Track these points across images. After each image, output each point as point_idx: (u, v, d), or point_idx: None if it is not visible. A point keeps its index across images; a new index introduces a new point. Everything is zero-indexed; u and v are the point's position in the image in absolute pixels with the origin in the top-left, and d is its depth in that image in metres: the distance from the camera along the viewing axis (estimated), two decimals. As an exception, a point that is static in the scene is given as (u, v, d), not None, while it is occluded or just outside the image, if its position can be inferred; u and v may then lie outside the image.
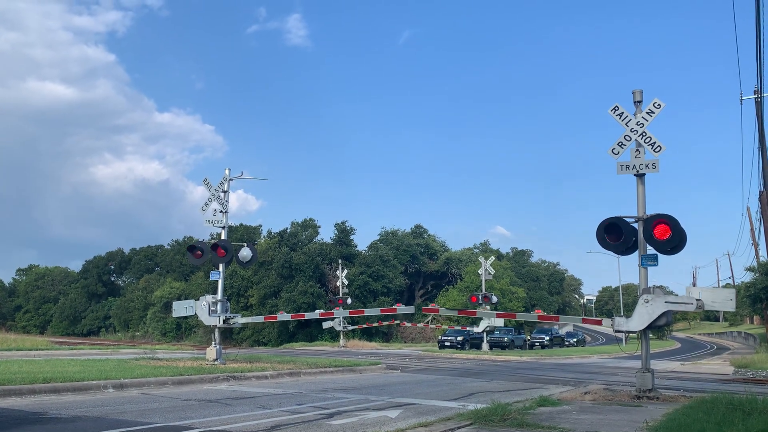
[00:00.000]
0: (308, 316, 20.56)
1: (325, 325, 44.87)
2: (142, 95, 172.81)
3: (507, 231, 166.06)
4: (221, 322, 17.85)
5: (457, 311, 13.88)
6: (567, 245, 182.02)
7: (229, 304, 18.79)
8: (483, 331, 38.56)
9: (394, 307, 18.72)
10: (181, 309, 18.59)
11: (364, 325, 49.92)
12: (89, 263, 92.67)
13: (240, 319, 18.68)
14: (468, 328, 41.78)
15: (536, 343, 51.69)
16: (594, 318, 13.10)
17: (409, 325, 65.10)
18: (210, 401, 10.19)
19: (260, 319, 20.42)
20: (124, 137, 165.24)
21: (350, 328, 45.13)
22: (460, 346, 41.51)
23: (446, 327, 49.09)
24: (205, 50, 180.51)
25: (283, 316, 19.70)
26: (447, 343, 41.96)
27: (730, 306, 11.50)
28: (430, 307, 14.01)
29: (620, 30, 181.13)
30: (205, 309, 17.93)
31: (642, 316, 11.56)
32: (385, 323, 60.50)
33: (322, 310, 20.37)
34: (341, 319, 43.22)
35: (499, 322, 38.80)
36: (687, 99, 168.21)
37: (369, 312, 20.85)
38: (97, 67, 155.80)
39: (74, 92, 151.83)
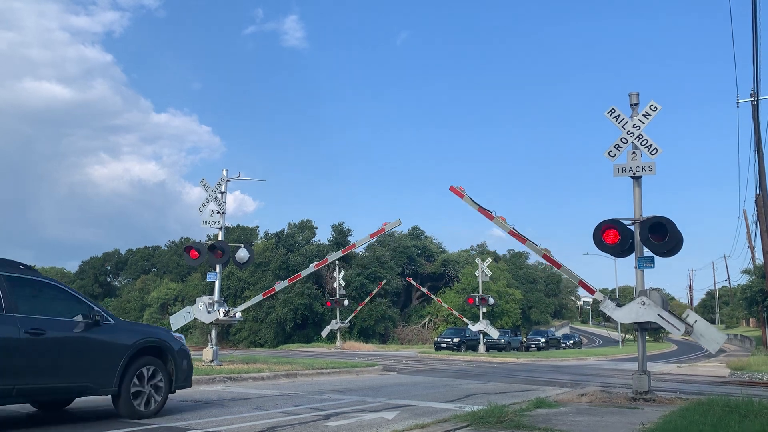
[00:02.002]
0: (304, 273, 20.26)
1: (325, 332, 45.53)
2: (139, 95, 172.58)
3: (503, 233, 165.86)
4: (222, 315, 17.87)
5: (477, 207, 13.52)
6: (564, 247, 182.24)
7: (225, 304, 18.78)
8: (479, 332, 38.61)
9: (382, 227, 18.48)
10: (179, 319, 18.49)
11: (359, 306, 49.88)
12: (86, 264, 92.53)
13: (239, 308, 18.70)
14: (469, 323, 41.53)
15: (532, 345, 51.89)
16: (590, 286, 12.89)
17: (406, 326, 65.14)
18: (206, 402, 10.18)
19: (259, 297, 20.27)
20: (121, 138, 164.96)
21: (347, 323, 45.31)
22: (456, 348, 41.41)
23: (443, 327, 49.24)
24: (202, 51, 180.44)
25: (280, 285, 19.71)
26: (443, 345, 41.89)
27: (713, 348, 11.58)
28: (457, 188, 13.63)
29: (619, 29, 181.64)
30: (203, 309, 17.94)
31: (630, 313, 11.66)
32: (380, 324, 60.49)
33: (317, 262, 20.24)
34: (338, 320, 43.52)
35: (494, 333, 39.04)
36: (684, 100, 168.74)
37: (360, 244, 19.95)
38: (94, 67, 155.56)
39: (71, 92, 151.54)
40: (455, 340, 42.64)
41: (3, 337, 6.85)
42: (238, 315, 18.64)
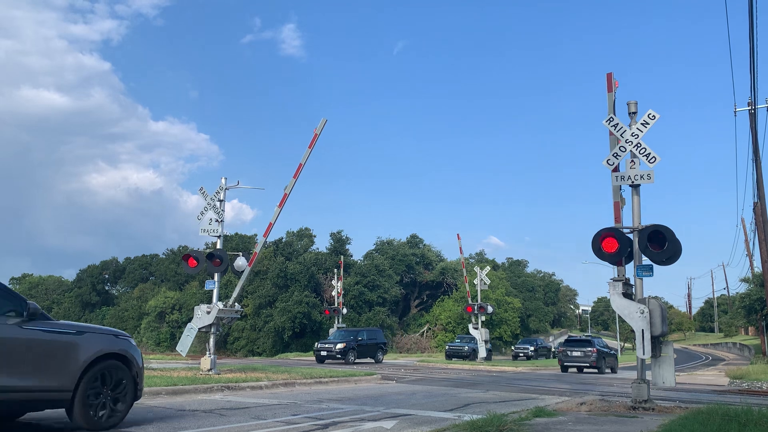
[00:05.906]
0: (274, 219, 19.65)
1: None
2: (137, 104, 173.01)
3: (501, 241, 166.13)
4: (222, 306, 17.84)
5: (611, 114, 12.51)
6: (562, 255, 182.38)
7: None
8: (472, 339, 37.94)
9: (314, 134, 18.21)
10: (186, 341, 18.32)
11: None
12: (83, 272, 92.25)
13: (233, 295, 18.65)
14: (470, 325, 38.99)
15: (520, 354, 47.86)
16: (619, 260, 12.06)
17: (405, 335, 64.95)
18: (204, 412, 10.13)
19: (247, 270, 19.57)
20: (119, 146, 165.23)
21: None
22: (341, 357, 29.76)
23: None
24: (199, 59, 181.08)
25: (259, 245, 19.52)
26: (323, 353, 30.54)
27: (657, 382, 11.57)
28: (613, 81, 12.88)
29: (617, 38, 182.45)
30: (203, 314, 17.94)
31: (624, 309, 11.69)
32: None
33: (280, 200, 19.55)
34: (335, 325, 43.28)
35: (482, 351, 38.19)
36: (683, 108, 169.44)
37: (305, 159, 18.87)
38: (92, 75, 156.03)
39: (69, 100, 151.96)
40: (339, 346, 30.18)
41: None
42: (237, 305, 18.59)
